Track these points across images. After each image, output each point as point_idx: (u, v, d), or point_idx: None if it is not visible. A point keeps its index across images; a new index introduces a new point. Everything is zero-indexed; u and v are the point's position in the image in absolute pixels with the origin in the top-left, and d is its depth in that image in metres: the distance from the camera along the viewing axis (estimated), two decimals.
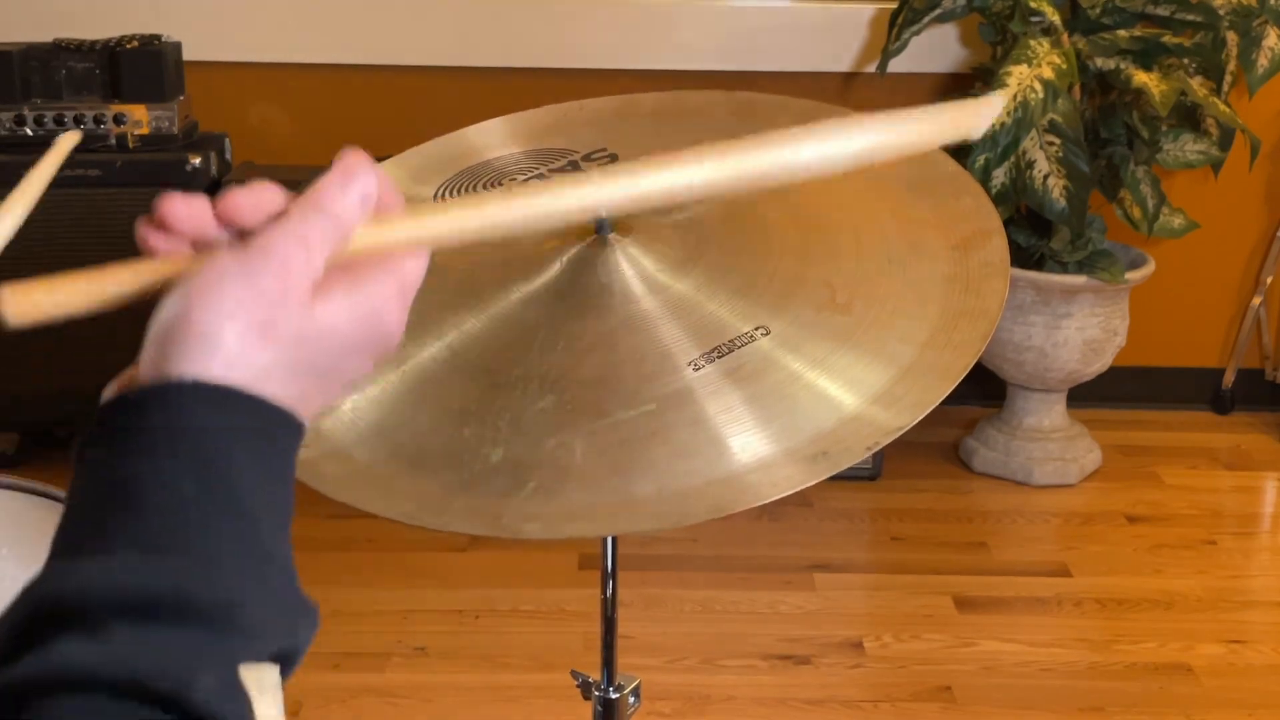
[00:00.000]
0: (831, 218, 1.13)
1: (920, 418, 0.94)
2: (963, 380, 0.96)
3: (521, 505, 0.92)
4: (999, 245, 1.06)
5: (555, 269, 1.08)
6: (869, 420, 0.95)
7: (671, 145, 1.24)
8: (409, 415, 0.99)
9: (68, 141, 1.09)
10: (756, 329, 1.00)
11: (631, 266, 1.06)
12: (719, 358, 0.98)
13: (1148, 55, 2.63)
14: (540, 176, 1.20)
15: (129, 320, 2.34)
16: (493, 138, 1.30)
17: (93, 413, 0.62)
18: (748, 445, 0.94)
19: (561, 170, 1.21)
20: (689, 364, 0.98)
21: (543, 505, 0.92)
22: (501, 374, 1.01)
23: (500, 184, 1.20)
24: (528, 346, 1.02)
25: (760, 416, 0.96)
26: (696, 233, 1.10)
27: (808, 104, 1.26)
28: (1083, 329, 2.81)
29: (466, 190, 1.21)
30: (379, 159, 1.29)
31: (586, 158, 1.22)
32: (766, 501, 0.90)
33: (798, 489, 0.91)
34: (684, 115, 1.29)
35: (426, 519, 0.93)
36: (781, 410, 0.96)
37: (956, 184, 1.15)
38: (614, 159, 1.22)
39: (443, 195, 1.21)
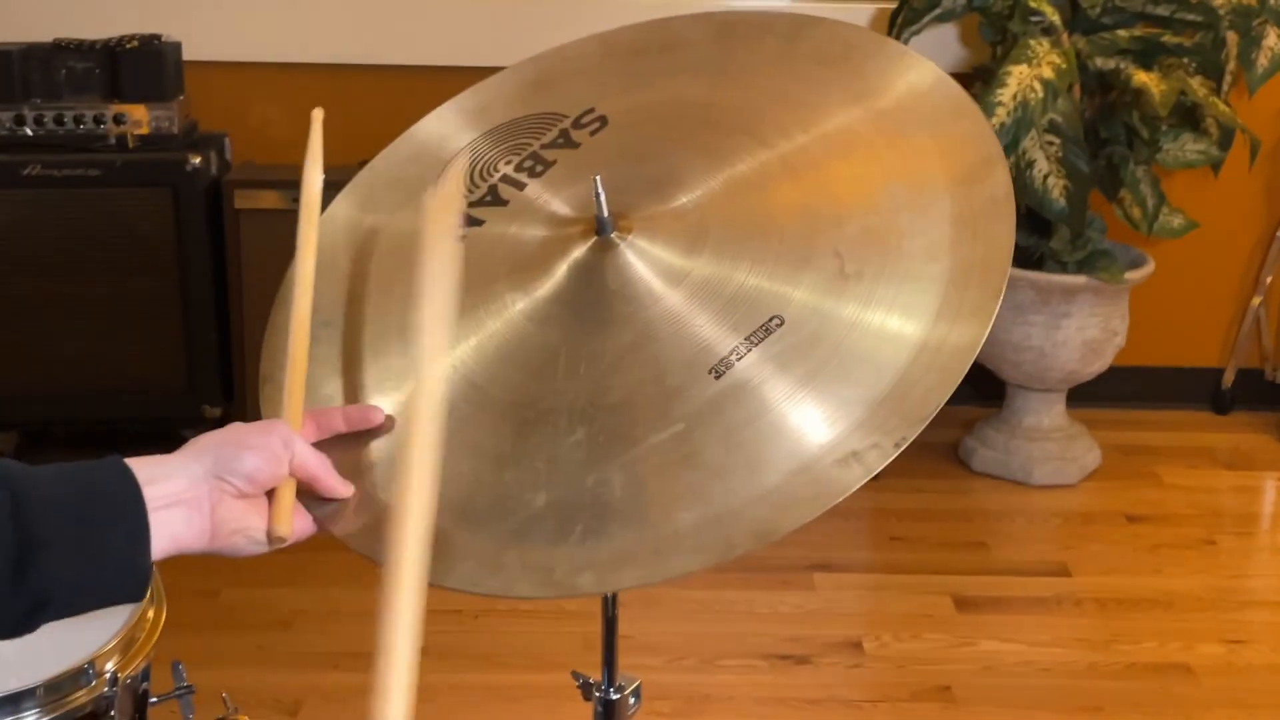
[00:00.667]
0: (831, 169, 1.10)
1: (948, 395, 0.93)
2: (962, 380, 0.96)
3: (571, 554, 0.92)
4: (1001, 177, 1.04)
5: (561, 273, 1.07)
6: (895, 406, 0.95)
7: (655, 87, 1.23)
8: (450, 465, 0.98)
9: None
10: (771, 319, 1.00)
11: (636, 267, 1.05)
12: (737, 360, 0.98)
13: (1148, 55, 2.63)
14: (534, 157, 1.19)
15: (129, 320, 2.35)
16: (480, 106, 1.27)
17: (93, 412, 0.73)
18: (777, 457, 0.94)
19: (554, 145, 1.19)
20: (710, 372, 0.98)
21: (592, 551, 0.92)
22: (530, 409, 1.00)
23: (495, 170, 1.19)
24: (551, 375, 1.01)
25: (785, 421, 0.95)
26: (697, 215, 1.09)
27: (791, 18, 1.21)
28: (1082, 329, 2.81)
29: (466, 179, 1.19)
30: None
31: (577, 123, 1.20)
32: (808, 520, 0.90)
33: (838, 500, 0.91)
34: (665, 49, 1.27)
35: (486, 582, 0.93)
36: (805, 409, 0.96)
37: (954, 107, 1.11)
38: (604, 122, 1.20)
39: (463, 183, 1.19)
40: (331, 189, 1.24)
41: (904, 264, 1.01)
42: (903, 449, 0.92)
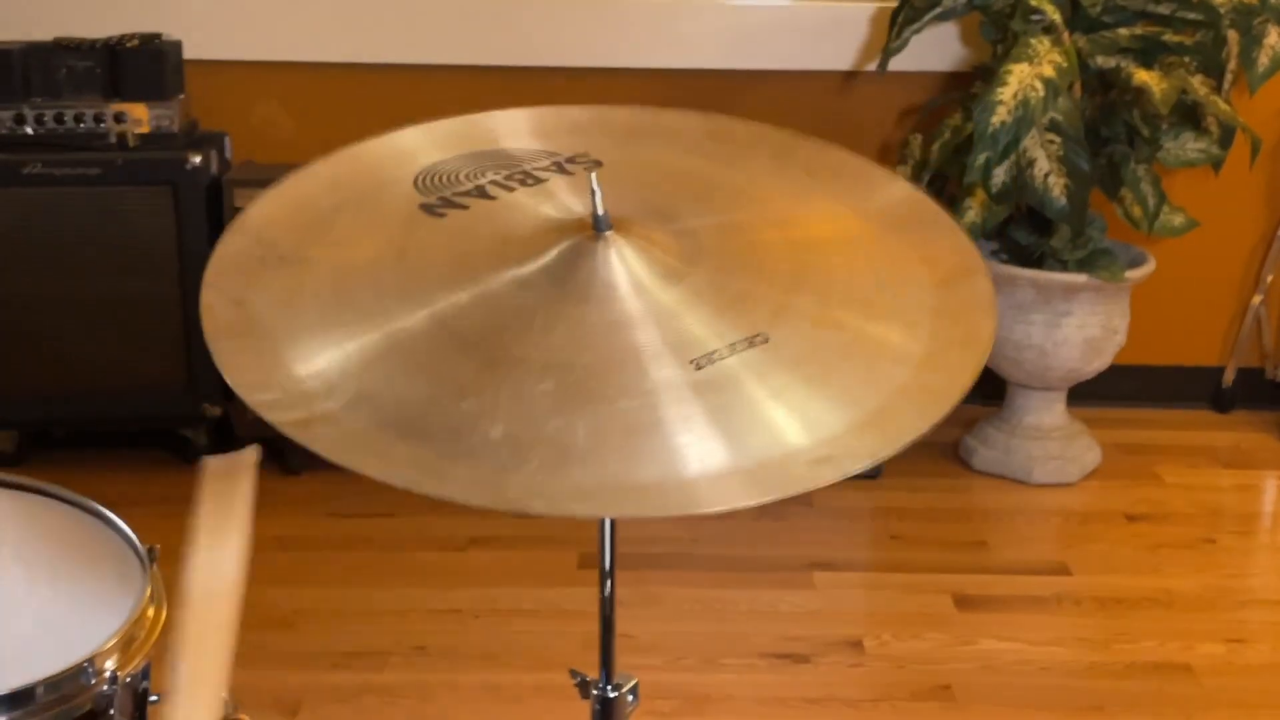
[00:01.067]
0: (821, 244, 1.14)
1: (922, 433, 0.95)
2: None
3: (525, 480, 0.91)
4: (983, 287, 1.07)
5: (552, 256, 1.07)
6: (874, 429, 0.95)
7: (650, 157, 1.25)
8: (402, 384, 0.97)
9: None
10: (756, 336, 1.00)
11: (630, 265, 1.06)
12: (720, 360, 0.98)
13: (1148, 53, 2.63)
14: (524, 174, 1.19)
15: (129, 320, 2.35)
16: (467, 134, 1.28)
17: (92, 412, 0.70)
18: (749, 445, 0.94)
19: (546, 170, 1.20)
20: (691, 361, 0.98)
21: (545, 482, 0.92)
22: (500, 352, 0.99)
23: (483, 174, 1.19)
24: (526, 329, 1.01)
25: (763, 417, 0.96)
26: (692, 243, 1.10)
27: (783, 135, 1.27)
28: (1083, 327, 2.81)
29: (448, 178, 1.20)
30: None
31: (570, 160, 1.21)
32: (775, 499, 0.90)
33: (804, 490, 0.91)
34: (660, 133, 1.30)
35: (428, 485, 0.91)
36: (786, 412, 0.96)
37: (935, 225, 1.16)
38: (598, 165, 1.21)
39: (422, 180, 1.19)
40: None
41: (885, 324, 1.05)
42: (878, 461, 0.93)
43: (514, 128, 1.29)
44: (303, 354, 1.01)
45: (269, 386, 0.98)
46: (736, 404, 0.96)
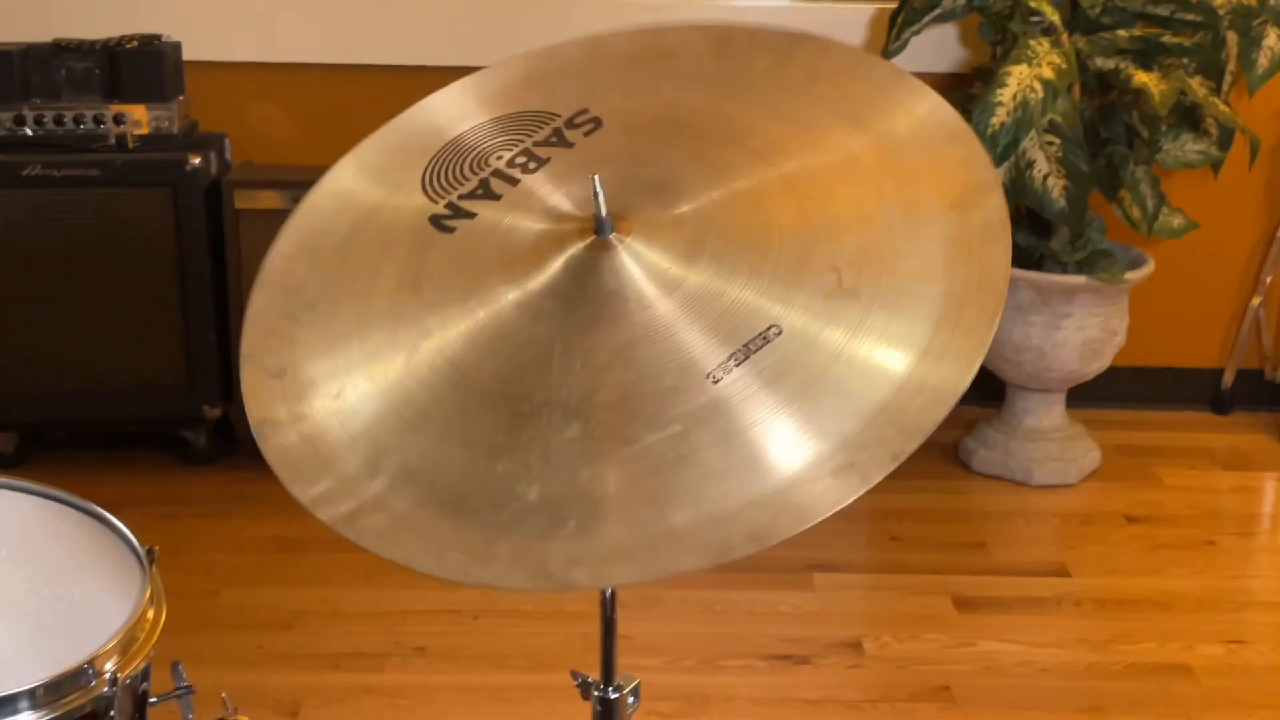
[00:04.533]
0: (828, 186, 1.11)
1: (946, 413, 0.93)
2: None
3: (564, 547, 0.92)
4: (997, 203, 1.05)
5: (557, 268, 1.06)
6: (893, 417, 0.95)
7: (650, 93, 1.23)
8: (439, 453, 0.98)
9: None
10: (770, 328, 1.00)
11: (635, 268, 1.05)
12: (735, 366, 0.97)
13: (1147, 55, 2.63)
14: (527, 153, 1.18)
15: (129, 320, 2.36)
16: (468, 101, 1.25)
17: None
18: (776, 462, 0.94)
19: (547, 144, 1.19)
20: (707, 376, 0.98)
21: (585, 546, 0.92)
22: (523, 401, 1.00)
23: (487, 164, 1.18)
24: (545, 369, 1.01)
25: (784, 427, 0.96)
26: (696, 223, 1.09)
27: (785, 35, 1.22)
28: (1082, 329, 2.81)
29: (454, 172, 1.19)
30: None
31: (570, 123, 1.19)
32: (807, 526, 0.90)
33: (840, 506, 0.91)
34: (660, 57, 1.27)
35: (477, 573, 0.93)
36: (804, 417, 0.96)
37: (950, 131, 1.13)
38: (598, 124, 1.20)
39: (430, 179, 1.18)
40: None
41: (900, 282, 1.02)
42: (900, 461, 0.92)
43: (512, 79, 1.28)
44: (341, 420, 1.03)
45: (318, 477, 0.99)
46: (752, 422, 0.96)
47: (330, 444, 1.02)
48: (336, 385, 1.05)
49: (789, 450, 0.94)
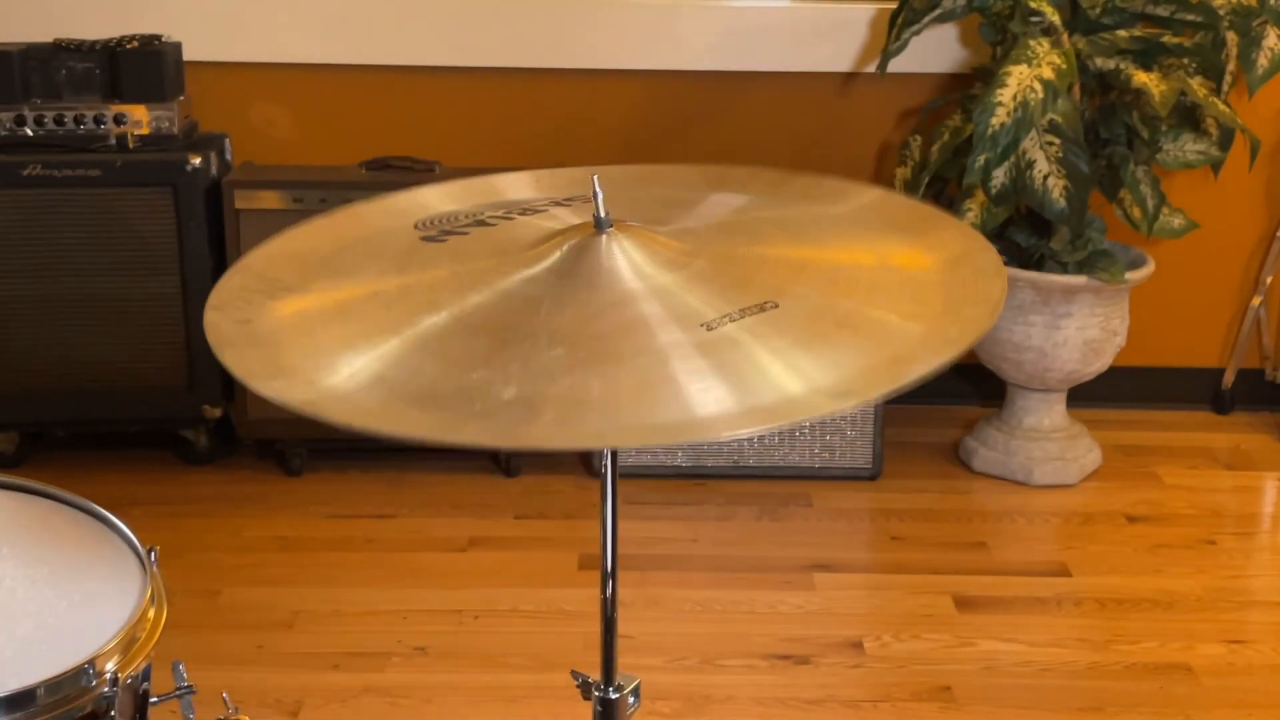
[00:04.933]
0: (822, 236, 1.16)
1: (952, 356, 0.94)
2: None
3: (541, 430, 0.92)
4: (990, 257, 1.08)
5: (555, 257, 1.08)
6: (886, 370, 0.96)
7: (647, 195, 1.27)
8: (414, 367, 0.98)
9: None
10: (767, 302, 1.01)
11: (632, 254, 1.07)
12: (730, 322, 0.99)
13: (1148, 55, 2.63)
14: (523, 209, 1.21)
15: (129, 320, 2.36)
16: (458, 194, 1.30)
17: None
18: (772, 384, 0.95)
19: (544, 207, 1.22)
20: (701, 325, 0.99)
21: (561, 430, 0.92)
22: (509, 332, 1.00)
23: (482, 213, 1.21)
24: (535, 310, 1.02)
25: (782, 363, 0.96)
26: (693, 239, 1.11)
27: (776, 173, 1.29)
28: (1083, 329, 2.81)
29: (445, 220, 1.21)
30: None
31: (567, 199, 1.24)
32: (806, 420, 0.91)
33: (832, 412, 0.92)
34: (657, 180, 1.33)
35: (446, 435, 0.91)
36: (805, 356, 0.97)
37: (935, 220, 1.17)
38: (596, 198, 1.23)
39: (421, 224, 1.20)
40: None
41: (894, 300, 1.06)
42: (898, 389, 0.93)
43: (511, 185, 1.31)
44: (311, 355, 1.02)
45: (277, 376, 0.98)
46: (747, 359, 0.97)
47: (295, 358, 1.01)
48: (309, 331, 1.05)
49: (786, 378, 0.95)
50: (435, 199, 1.28)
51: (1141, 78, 2.55)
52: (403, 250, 1.15)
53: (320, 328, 1.06)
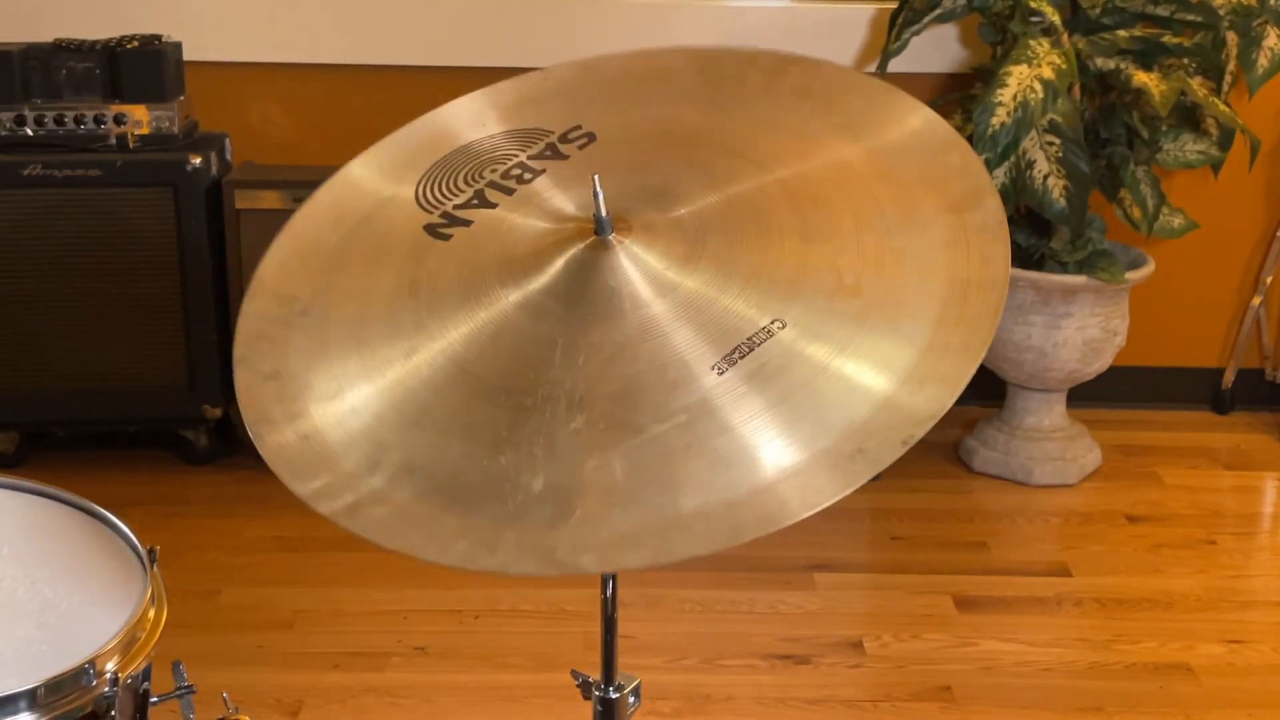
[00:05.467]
0: (825, 192, 1.12)
1: (952, 402, 0.93)
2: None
3: (572, 535, 0.92)
4: (993, 206, 1.06)
5: (557, 268, 1.07)
6: (900, 407, 0.95)
7: (643, 110, 1.24)
8: (439, 446, 0.98)
9: None
10: (773, 322, 1.00)
11: (636, 267, 1.05)
12: (740, 359, 0.98)
13: (1148, 55, 2.63)
14: (521, 166, 1.19)
15: (129, 320, 2.37)
16: (461, 119, 1.27)
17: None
18: (783, 450, 0.94)
19: (541, 157, 1.19)
20: (712, 368, 0.98)
21: (593, 533, 0.92)
22: (526, 395, 1.00)
23: (481, 175, 1.19)
24: (548, 363, 1.01)
25: (791, 417, 0.96)
26: (695, 225, 1.09)
27: (773, 55, 1.23)
28: (1083, 329, 2.81)
29: (449, 184, 1.19)
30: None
31: (564, 138, 1.20)
32: (816, 510, 0.90)
33: (845, 493, 0.91)
34: (651, 79, 1.27)
35: (482, 560, 0.92)
36: (811, 407, 0.96)
37: (943, 140, 1.13)
38: (592, 138, 1.20)
39: (424, 192, 1.19)
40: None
41: (901, 280, 1.03)
42: (909, 445, 0.92)
43: (505, 98, 1.28)
44: (338, 418, 1.02)
45: (316, 473, 0.99)
46: (763, 402, 0.96)
47: (328, 441, 1.01)
48: (333, 385, 1.05)
49: (797, 437, 0.95)
50: (433, 132, 1.25)
51: (1141, 78, 2.55)
52: (408, 250, 1.13)
53: (339, 362, 1.06)
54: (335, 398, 1.05)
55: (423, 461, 0.99)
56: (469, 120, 1.27)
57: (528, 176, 1.17)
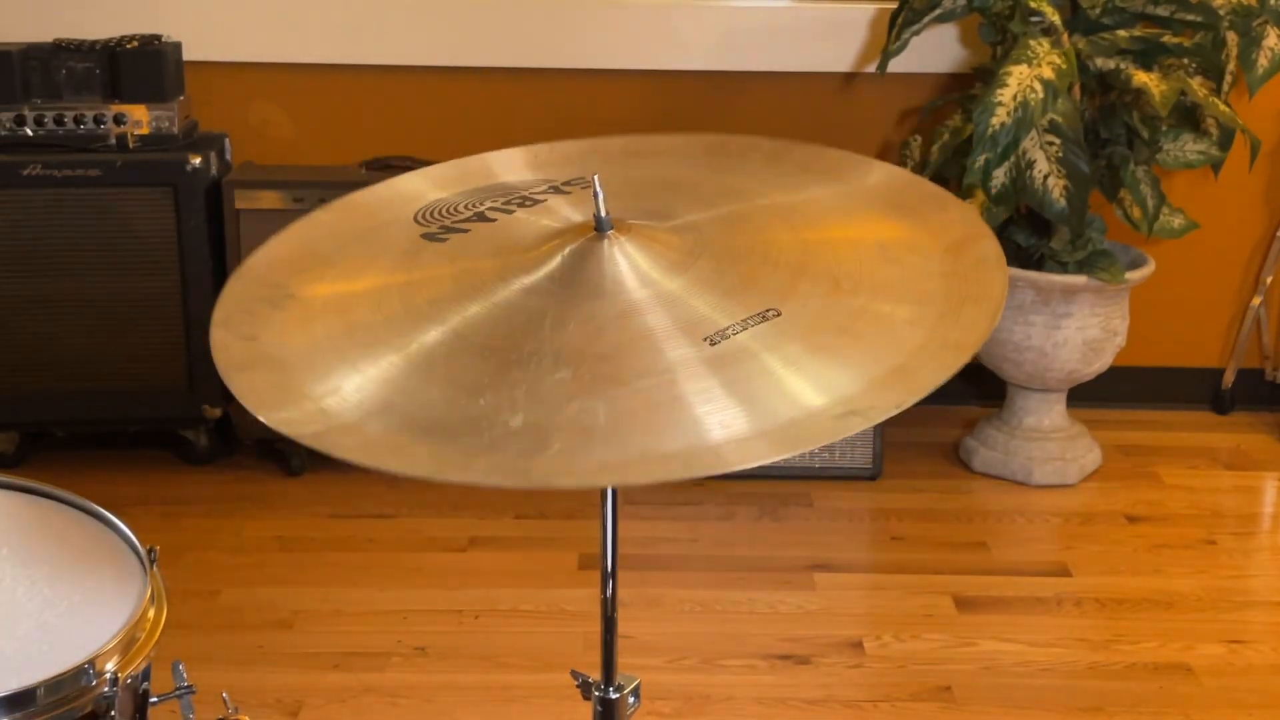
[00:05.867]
0: (823, 224, 1.15)
1: (946, 377, 0.94)
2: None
3: (548, 463, 0.92)
4: (991, 246, 1.07)
5: (556, 262, 1.08)
6: (892, 385, 0.95)
7: (646, 173, 1.26)
8: (419, 391, 0.98)
9: None
10: (769, 310, 1.01)
11: (635, 258, 1.07)
12: (734, 334, 0.99)
13: (1148, 55, 2.63)
14: (523, 198, 1.20)
15: (129, 320, 2.37)
16: (457, 176, 1.30)
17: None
18: (772, 408, 0.94)
19: (544, 193, 1.21)
20: (704, 339, 0.99)
21: (570, 461, 0.92)
22: (513, 352, 1.00)
23: (481, 204, 1.20)
24: (538, 327, 1.02)
25: (784, 381, 0.96)
26: (694, 236, 1.10)
27: (775, 142, 1.28)
28: (1083, 329, 2.81)
29: (446, 210, 1.21)
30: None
31: (567, 184, 1.23)
32: (808, 449, 0.90)
33: (832, 439, 0.91)
34: (654, 154, 1.31)
35: (451, 474, 0.91)
36: (808, 376, 0.97)
37: (937, 201, 1.16)
38: (594, 183, 1.22)
39: (422, 215, 1.20)
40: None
41: (898, 290, 1.05)
42: (902, 408, 0.92)
43: (509, 164, 1.31)
44: (318, 377, 1.02)
45: (285, 406, 0.99)
46: (754, 374, 0.96)
47: (302, 384, 1.01)
48: (313, 347, 1.05)
49: (789, 399, 0.95)
50: (433, 184, 1.27)
51: (1141, 78, 2.55)
52: (404, 250, 1.15)
53: (325, 342, 1.06)
54: (314, 354, 1.04)
55: (398, 401, 0.98)
56: (465, 177, 1.30)
57: (529, 204, 1.19)
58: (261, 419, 0.97)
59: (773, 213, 1.16)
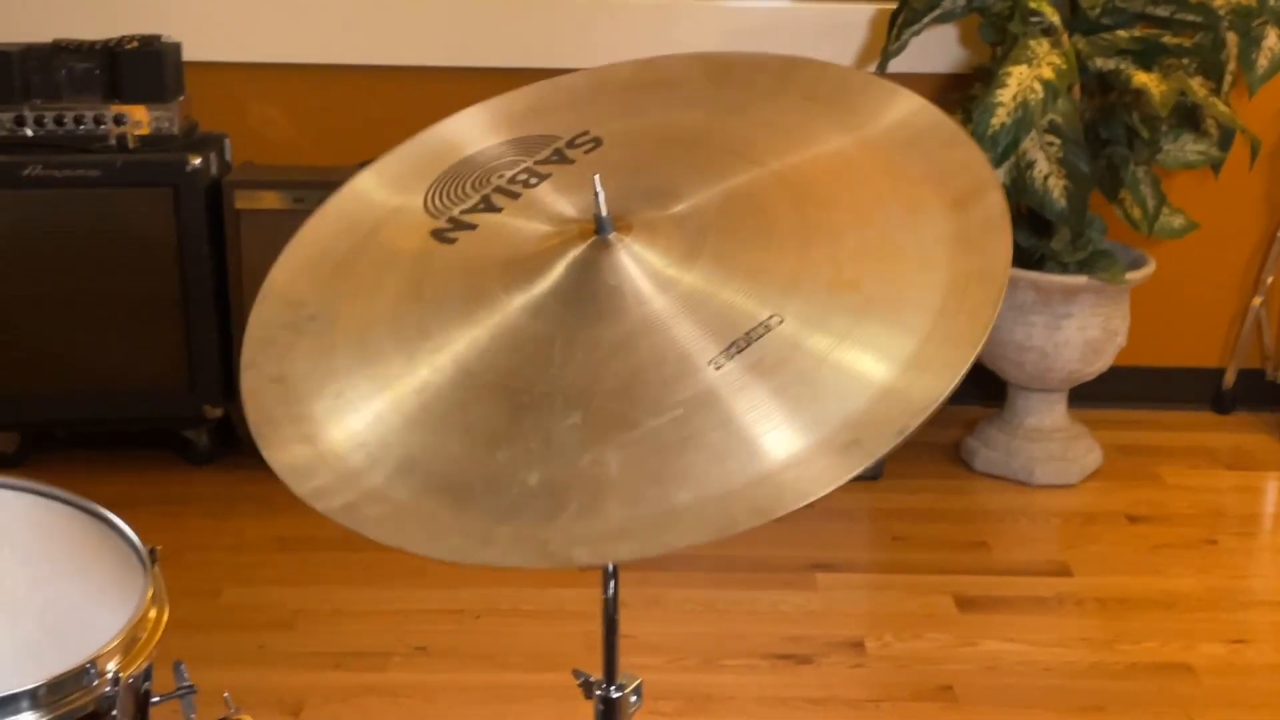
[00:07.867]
0: (827, 188, 1.12)
1: (949, 390, 0.93)
2: (963, 380, 0.96)
3: (566, 528, 0.92)
4: (996, 200, 1.06)
5: (559, 271, 1.07)
6: (898, 397, 0.95)
7: (649, 115, 1.25)
8: (438, 444, 0.99)
9: None
10: (771, 317, 1.00)
11: (637, 265, 1.06)
12: (738, 353, 0.98)
13: (1148, 55, 2.63)
14: (528, 170, 1.19)
15: (129, 320, 2.38)
16: (471, 129, 1.28)
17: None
18: (779, 442, 0.94)
19: (548, 161, 1.20)
20: (709, 363, 0.98)
21: (588, 527, 0.92)
22: (524, 393, 1.00)
23: (489, 181, 1.20)
24: (546, 360, 1.02)
25: (788, 409, 0.96)
26: (695, 223, 1.10)
27: (781, 59, 1.24)
28: (1083, 329, 2.81)
29: (456, 191, 1.20)
30: (367, 162, 1.29)
31: (571, 144, 1.21)
32: (810, 501, 0.90)
33: (840, 483, 0.90)
34: (659, 85, 1.28)
35: (475, 554, 0.93)
36: (809, 399, 0.96)
37: (947, 136, 1.14)
38: (598, 143, 1.21)
39: (432, 200, 1.20)
40: (332, 189, 1.25)
41: (901, 272, 1.03)
42: (905, 436, 0.91)
43: (515, 107, 1.29)
44: (341, 418, 1.03)
45: (316, 471, 1.00)
46: (761, 394, 0.96)
47: (329, 441, 1.02)
48: (336, 386, 1.06)
49: (793, 430, 0.95)
50: (442, 141, 1.26)
51: (1141, 78, 2.55)
52: (415, 255, 1.15)
53: (344, 367, 1.07)
54: (338, 398, 1.05)
55: (421, 458, 1.00)
56: (478, 129, 1.28)
57: (534, 181, 1.18)
58: (293, 489, 0.99)
59: (774, 178, 1.13)
